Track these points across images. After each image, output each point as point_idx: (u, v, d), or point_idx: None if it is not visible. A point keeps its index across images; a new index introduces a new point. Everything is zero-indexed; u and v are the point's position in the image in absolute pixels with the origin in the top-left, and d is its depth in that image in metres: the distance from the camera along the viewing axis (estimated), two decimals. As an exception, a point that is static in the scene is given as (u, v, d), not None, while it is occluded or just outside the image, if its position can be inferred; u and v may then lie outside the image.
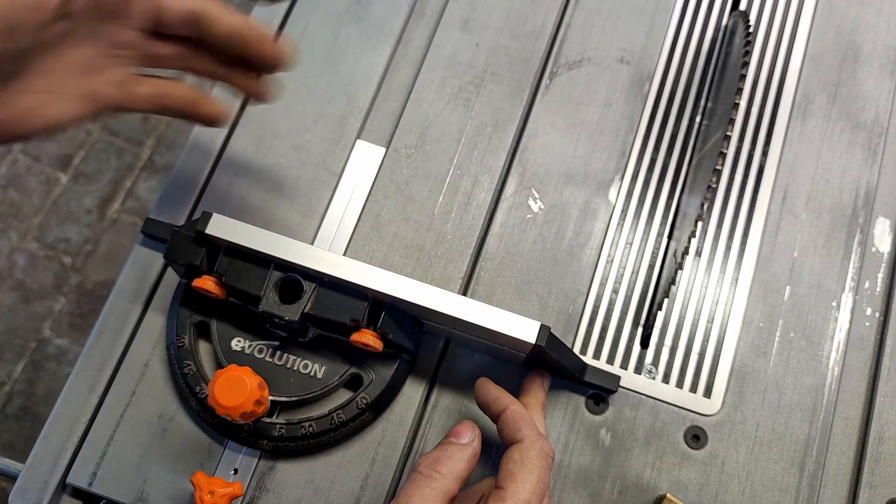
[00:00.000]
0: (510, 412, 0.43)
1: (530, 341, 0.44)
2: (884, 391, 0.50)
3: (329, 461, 0.48)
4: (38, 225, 1.42)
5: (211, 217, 0.46)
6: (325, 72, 0.58)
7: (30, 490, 0.47)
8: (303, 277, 0.46)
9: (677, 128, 0.57)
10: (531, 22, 0.59)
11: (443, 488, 0.41)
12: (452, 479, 0.41)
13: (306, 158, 0.55)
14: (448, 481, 0.41)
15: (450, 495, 0.41)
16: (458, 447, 0.43)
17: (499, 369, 0.50)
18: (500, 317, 0.44)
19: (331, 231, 0.53)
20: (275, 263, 0.46)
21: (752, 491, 0.48)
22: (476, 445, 0.43)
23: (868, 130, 0.56)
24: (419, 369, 0.50)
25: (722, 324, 0.52)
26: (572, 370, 0.48)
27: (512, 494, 0.40)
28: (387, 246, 0.53)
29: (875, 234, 0.54)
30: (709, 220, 0.54)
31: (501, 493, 0.40)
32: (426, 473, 0.41)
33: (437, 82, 0.57)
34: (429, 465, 0.41)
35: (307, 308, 0.45)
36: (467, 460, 0.42)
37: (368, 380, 0.48)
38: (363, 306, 0.45)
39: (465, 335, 0.47)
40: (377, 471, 0.48)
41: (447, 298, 0.45)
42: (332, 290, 0.45)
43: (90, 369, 0.50)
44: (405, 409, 0.49)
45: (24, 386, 1.33)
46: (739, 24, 0.55)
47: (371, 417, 0.48)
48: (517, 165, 0.55)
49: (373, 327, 0.46)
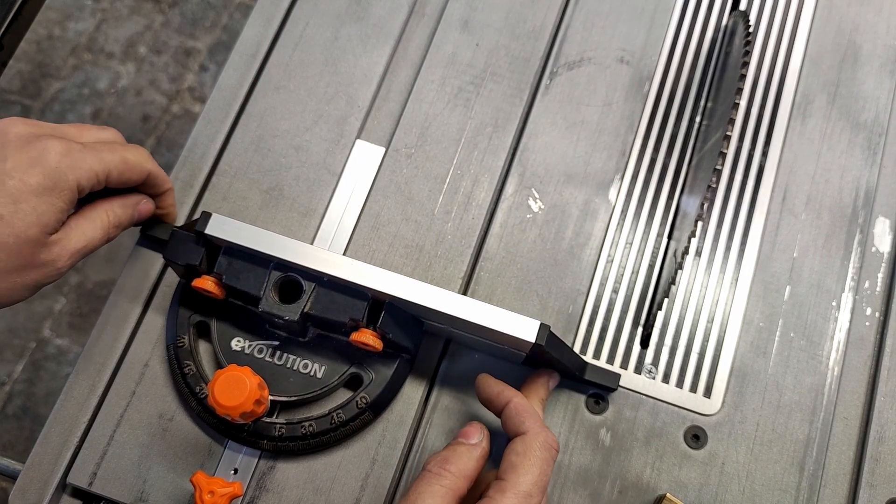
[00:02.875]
0: (514, 405, 0.44)
1: (530, 340, 0.44)
2: (884, 391, 0.50)
3: (329, 461, 0.48)
4: (38, 225, 1.42)
5: (210, 217, 0.46)
6: (325, 72, 0.58)
7: (30, 490, 0.47)
8: (302, 277, 0.46)
9: (677, 128, 0.57)
10: (531, 22, 0.59)
11: (452, 486, 0.41)
12: (461, 477, 0.42)
13: (306, 158, 0.55)
14: (457, 479, 0.41)
15: (459, 494, 0.41)
16: (468, 447, 0.43)
17: (499, 368, 0.50)
18: (500, 316, 0.44)
19: (331, 231, 0.53)
20: (274, 263, 0.46)
21: (752, 491, 0.48)
22: (485, 445, 0.44)
23: (868, 130, 0.56)
24: (419, 369, 0.50)
25: (722, 324, 0.52)
26: (572, 369, 0.48)
27: (513, 486, 0.40)
28: (387, 246, 0.53)
29: (875, 234, 0.54)
30: (709, 220, 0.54)
31: (502, 483, 0.40)
32: (435, 472, 0.41)
33: (437, 82, 0.57)
34: (438, 464, 0.42)
35: (307, 308, 0.45)
36: (476, 460, 0.43)
37: (368, 379, 0.48)
38: (363, 306, 0.45)
39: (465, 334, 0.47)
40: (377, 470, 0.48)
41: (447, 298, 0.45)
42: (332, 290, 0.45)
43: (90, 369, 0.50)
44: (405, 409, 0.49)
45: (24, 386, 1.33)
46: (739, 24, 0.55)
47: (371, 417, 0.48)
48: (517, 165, 0.55)
49: (372, 327, 0.46)
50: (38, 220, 0.42)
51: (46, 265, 0.43)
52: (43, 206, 0.42)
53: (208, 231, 0.46)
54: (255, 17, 0.59)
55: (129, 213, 0.48)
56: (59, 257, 0.44)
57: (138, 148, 0.48)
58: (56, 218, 0.43)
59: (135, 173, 0.47)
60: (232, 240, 0.45)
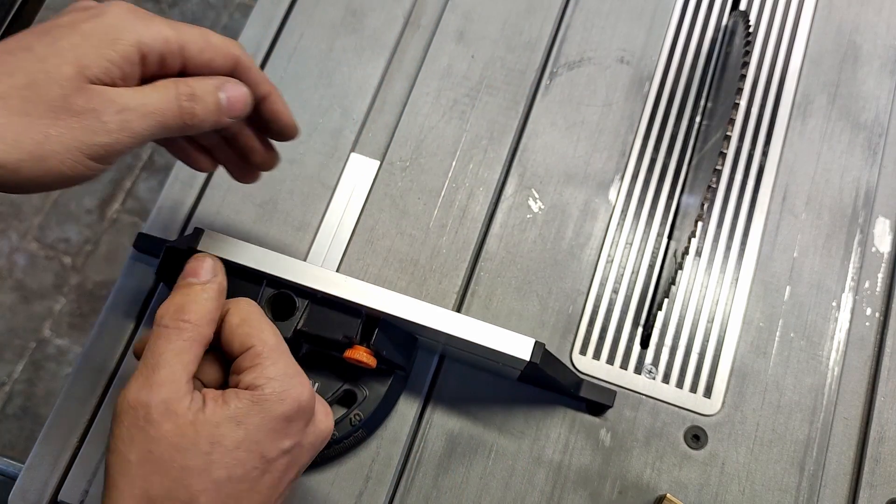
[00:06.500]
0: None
1: (525, 358, 0.44)
2: (884, 391, 0.50)
3: (322, 478, 0.48)
4: (38, 225, 1.42)
5: (202, 234, 0.45)
6: (320, 84, 0.57)
7: (29, 490, 0.47)
8: (295, 294, 0.45)
9: (677, 128, 0.57)
10: (527, 34, 0.59)
11: (195, 337, 0.37)
12: (204, 324, 0.38)
13: (300, 171, 0.55)
14: (199, 328, 0.37)
15: (204, 342, 0.38)
16: (201, 287, 0.39)
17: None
18: (495, 334, 0.44)
19: (325, 245, 0.53)
20: (267, 280, 0.45)
21: (752, 491, 0.48)
22: (220, 280, 0.40)
23: (868, 130, 0.56)
24: (413, 386, 0.50)
25: (722, 324, 0.52)
26: (567, 386, 0.48)
27: (261, 343, 0.38)
28: (381, 260, 0.53)
29: (875, 234, 0.54)
30: (709, 220, 0.54)
31: (252, 351, 0.38)
32: (173, 326, 0.37)
33: (433, 94, 0.57)
34: (174, 317, 0.37)
35: (300, 325, 0.45)
36: (214, 299, 0.39)
37: (362, 396, 0.47)
38: (356, 323, 0.45)
39: (460, 351, 0.47)
40: (371, 487, 0.48)
41: (441, 315, 0.44)
42: (325, 307, 0.45)
43: (90, 369, 0.50)
44: (399, 426, 0.49)
45: (24, 386, 1.33)
46: (739, 24, 0.55)
47: (365, 434, 0.48)
48: (517, 166, 0.55)
49: (366, 344, 0.45)
50: (76, 59, 0.34)
51: (85, 114, 0.34)
52: (87, 48, 0.34)
53: (200, 248, 0.45)
54: (249, 26, 0.59)
55: (208, 88, 0.38)
56: (104, 108, 0.35)
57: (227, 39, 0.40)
58: (100, 65, 0.35)
59: (220, 55, 0.38)
60: (224, 256, 0.44)
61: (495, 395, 0.47)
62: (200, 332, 0.37)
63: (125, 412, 0.35)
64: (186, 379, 0.36)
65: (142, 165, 1.46)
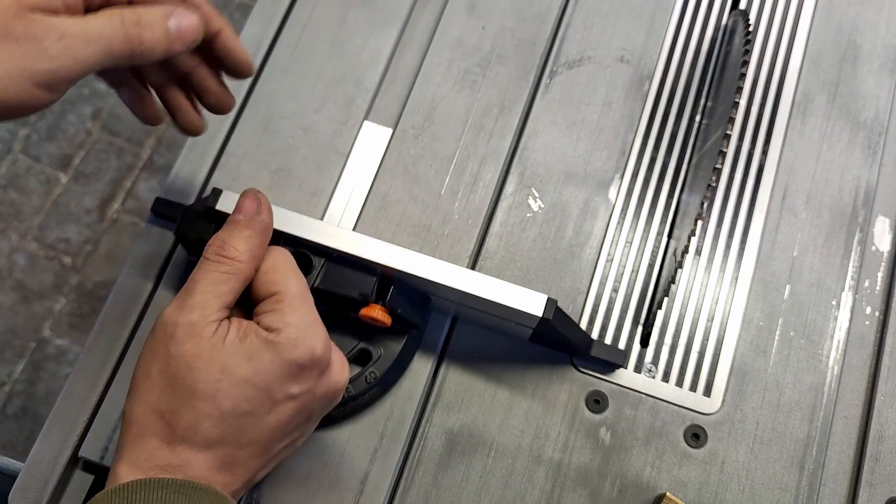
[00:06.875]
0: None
1: (537, 314, 0.44)
2: (883, 390, 0.50)
3: (338, 435, 0.49)
4: (38, 225, 1.42)
5: (221, 193, 0.46)
6: (333, 54, 0.58)
7: (29, 489, 0.47)
8: (312, 252, 0.46)
9: (677, 127, 0.57)
10: (537, 4, 0.59)
11: (233, 271, 0.38)
12: (245, 260, 0.39)
13: (314, 139, 0.55)
14: (239, 264, 0.39)
15: (242, 276, 0.39)
16: (246, 223, 0.40)
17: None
18: (508, 290, 0.45)
19: (339, 211, 0.54)
20: (284, 239, 0.46)
21: (752, 490, 0.48)
22: (265, 217, 0.41)
23: (868, 129, 0.56)
24: (427, 345, 0.50)
25: (722, 322, 0.52)
26: (579, 345, 0.48)
27: (285, 289, 0.39)
28: (394, 226, 0.53)
29: (875, 233, 0.54)
30: (709, 218, 0.54)
31: (276, 297, 0.38)
32: (213, 259, 0.38)
33: (444, 64, 0.57)
34: (216, 251, 0.39)
35: (317, 283, 0.45)
36: (257, 236, 0.40)
37: (377, 355, 0.48)
38: (372, 281, 0.45)
39: (473, 309, 0.47)
40: (386, 445, 0.48)
41: (455, 272, 0.45)
42: (341, 265, 0.45)
43: (90, 369, 0.50)
44: (413, 385, 0.50)
45: (24, 386, 1.33)
46: (739, 23, 0.55)
47: (379, 392, 0.49)
48: (517, 164, 0.55)
49: (381, 302, 0.46)
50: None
51: (26, 40, 0.34)
52: None
53: (219, 207, 0.46)
54: (262, 1, 0.59)
55: (157, 15, 0.38)
56: (45, 35, 0.35)
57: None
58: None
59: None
60: None
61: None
62: (239, 266, 0.39)
63: (158, 327, 0.38)
64: (218, 307, 0.38)
65: (142, 165, 1.46)
